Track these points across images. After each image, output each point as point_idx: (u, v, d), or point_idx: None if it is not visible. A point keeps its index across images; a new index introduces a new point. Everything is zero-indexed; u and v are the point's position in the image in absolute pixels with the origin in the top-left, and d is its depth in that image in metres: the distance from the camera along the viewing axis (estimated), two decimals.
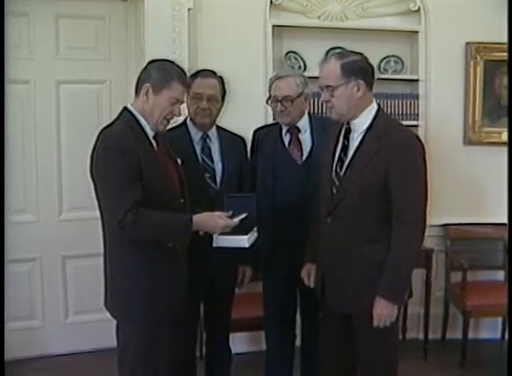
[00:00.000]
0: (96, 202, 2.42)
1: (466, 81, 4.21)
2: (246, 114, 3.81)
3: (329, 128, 2.72)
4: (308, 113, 3.18)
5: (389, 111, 4.07)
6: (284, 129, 3.14)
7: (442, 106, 4.20)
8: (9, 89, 3.66)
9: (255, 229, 2.62)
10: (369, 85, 2.49)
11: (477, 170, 4.25)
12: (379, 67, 4.18)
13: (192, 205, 2.59)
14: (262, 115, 3.90)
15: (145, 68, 2.48)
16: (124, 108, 2.48)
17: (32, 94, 3.83)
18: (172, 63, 2.49)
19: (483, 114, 4.24)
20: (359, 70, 2.45)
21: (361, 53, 2.53)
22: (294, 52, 4.10)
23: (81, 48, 3.87)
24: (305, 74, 3.49)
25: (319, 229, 2.67)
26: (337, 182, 2.53)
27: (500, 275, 4.24)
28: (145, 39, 3.72)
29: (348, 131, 2.54)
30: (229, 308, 3.25)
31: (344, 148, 2.54)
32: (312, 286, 2.81)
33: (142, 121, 2.44)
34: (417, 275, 4.06)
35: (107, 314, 2.52)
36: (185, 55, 3.74)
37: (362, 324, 2.54)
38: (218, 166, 3.04)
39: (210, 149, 3.06)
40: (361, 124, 2.50)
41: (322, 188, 2.65)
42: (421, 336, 4.17)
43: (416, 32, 4.16)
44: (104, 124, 2.48)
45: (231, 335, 3.35)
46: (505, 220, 3.92)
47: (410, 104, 4.15)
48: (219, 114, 3.10)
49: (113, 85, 3.91)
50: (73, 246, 3.93)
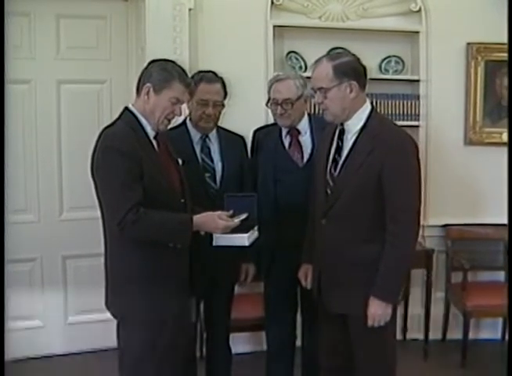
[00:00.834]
0: (97, 202, 2.42)
1: (467, 82, 4.21)
2: (246, 114, 3.81)
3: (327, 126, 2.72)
4: (308, 114, 3.18)
5: (390, 111, 4.08)
6: (284, 131, 3.14)
7: (443, 107, 4.20)
8: (10, 89, 3.65)
9: (256, 228, 2.62)
10: (362, 86, 2.49)
11: (478, 170, 4.25)
12: (380, 68, 4.19)
13: (192, 205, 2.59)
14: (263, 115, 3.90)
15: (145, 68, 2.48)
16: (125, 108, 2.48)
17: (33, 94, 3.83)
18: (173, 62, 2.49)
19: (484, 115, 4.23)
20: (352, 71, 2.45)
21: (353, 54, 2.54)
22: (295, 52, 4.10)
23: (82, 48, 3.87)
24: (306, 74, 3.48)
25: (315, 230, 2.68)
26: (331, 183, 2.54)
27: (501, 275, 4.24)
28: (146, 39, 3.72)
29: (342, 132, 2.55)
30: (229, 307, 3.25)
31: (338, 149, 2.55)
32: (309, 287, 2.82)
33: (143, 121, 2.44)
34: (418, 275, 4.08)
35: (108, 314, 2.53)
36: (186, 55, 3.74)
37: (357, 324, 2.54)
38: (218, 166, 3.04)
39: (209, 148, 3.06)
40: (354, 124, 2.50)
41: (316, 189, 2.65)
42: (421, 336, 4.16)
43: (417, 32, 4.16)
44: (105, 124, 2.48)
45: (232, 335, 3.35)
46: (506, 220, 3.92)
47: (411, 104, 4.14)
48: (220, 116, 3.10)
49: (113, 85, 3.91)
50: (74, 246, 3.92)
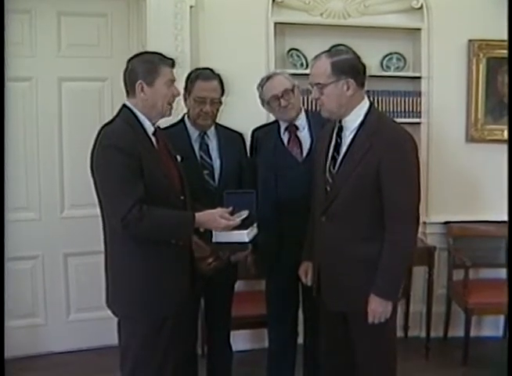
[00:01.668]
0: (97, 200, 2.43)
1: (468, 79, 4.20)
2: (248, 112, 3.78)
3: (327, 124, 2.72)
4: (305, 111, 3.19)
5: (391, 108, 4.07)
6: (282, 128, 3.15)
7: (445, 104, 4.19)
8: (11, 87, 3.66)
9: (255, 224, 2.63)
10: (360, 84, 2.49)
11: (479, 168, 4.24)
12: (381, 65, 4.18)
13: (192, 202, 2.60)
14: (264, 112, 3.84)
15: (126, 69, 2.48)
16: (123, 105, 2.49)
17: (34, 91, 3.83)
18: (148, 52, 2.58)
19: (485, 112, 4.22)
20: (350, 68, 2.45)
21: (353, 51, 2.53)
22: (296, 49, 4.09)
23: (83, 45, 3.87)
24: (307, 71, 3.48)
25: (315, 228, 2.68)
26: (330, 180, 2.53)
27: (502, 273, 4.23)
28: (147, 37, 3.72)
29: (341, 129, 2.54)
30: (230, 305, 3.25)
31: (337, 146, 2.55)
32: (309, 284, 2.82)
33: (141, 118, 2.45)
34: (419, 273, 4.08)
35: (109, 312, 2.53)
36: (187, 52, 3.75)
37: (357, 322, 2.55)
38: (217, 163, 3.04)
39: (208, 146, 3.06)
40: (352, 121, 2.50)
41: (316, 187, 2.65)
42: (423, 334, 4.16)
43: (419, 29, 4.14)
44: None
45: (233, 333, 3.35)
46: (507, 218, 3.91)
47: (412, 101, 4.13)
48: (218, 113, 3.10)
49: (114, 83, 3.88)
50: (76, 243, 3.93)
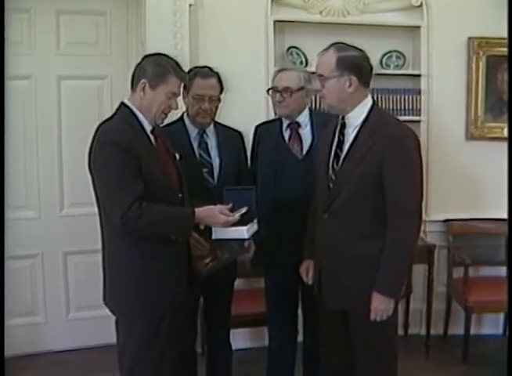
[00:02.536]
0: (94, 197, 2.42)
1: (468, 77, 4.19)
2: (247, 109, 3.81)
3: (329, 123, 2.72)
4: (309, 109, 3.18)
5: (391, 106, 4.07)
6: (284, 124, 3.15)
7: (444, 102, 4.18)
8: (10, 85, 3.65)
9: (255, 221, 2.62)
10: (363, 82, 2.48)
11: (479, 165, 4.24)
12: (381, 63, 4.17)
13: (191, 199, 2.60)
14: (264, 110, 3.90)
15: (139, 63, 2.48)
16: (122, 103, 2.48)
17: (33, 90, 3.82)
18: (167, 56, 2.49)
19: (485, 109, 4.22)
20: (354, 66, 2.44)
21: (362, 50, 2.52)
22: (296, 47, 4.09)
23: (82, 43, 3.86)
24: (307, 69, 3.48)
25: (317, 225, 2.67)
26: (333, 178, 2.53)
27: (502, 271, 4.23)
28: (146, 35, 3.71)
29: (343, 126, 2.54)
30: (229, 303, 3.25)
31: (340, 143, 2.54)
32: (310, 282, 2.81)
33: (140, 116, 2.44)
34: (419, 271, 4.08)
35: (108, 310, 2.53)
36: (187, 50, 3.73)
37: (358, 321, 2.55)
38: (216, 161, 3.05)
39: (207, 144, 3.07)
40: (355, 118, 2.50)
41: (319, 184, 2.65)
42: (423, 332, 4.16)
43: (418, 27, 4.14)
44: None
45: (233, 331, 3.35)
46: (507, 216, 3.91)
47: (412, 99, 4.13)
48: (217, 110, 3.10)
49: (113, 81, 3.90)
50: (75, 242, 3.93)
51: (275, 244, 3.10)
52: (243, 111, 3.76)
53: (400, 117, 3.74)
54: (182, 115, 3.11)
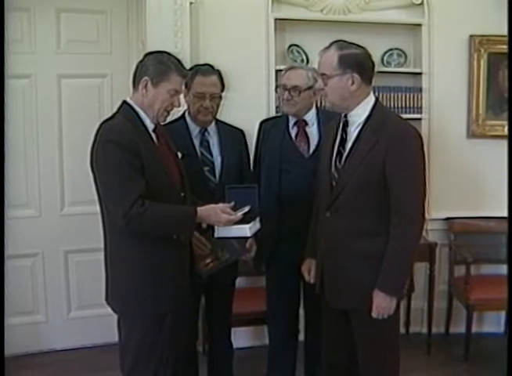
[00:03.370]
0: (96, 196, 2.42)
1: (469, 74, 4.19)
2: (248, 107, 3.81)
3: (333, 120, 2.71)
4: (316, 107, 3.18)
5: (392, 104, 4.06)
6: (291, 122, 3.15)
7: (446, 100, 4.18)
8: (11, 84, 3.65)
9: (257, 219, 2.61)
10: (366, 80, 2.48)
11: (480, 163, 4.24)
12: (382, 60, 4.16)
13: (194, 198, 2.60)
14: (265, 108, 3.90)
15: (141, 61, 2.47)
16: (124, 102, 2.48)
17: (33, 88, 3.81)
18: (168, 54, 2.48)
19: (487, 107, 4.21)
20: (357, 64, 2.44)
21: (363, 47, 2.51)
22: (297, 45, 4.08)
23: (83, 42, 3.85)
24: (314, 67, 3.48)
25: (319, 224, 2.67)
26: (336, 176, 2.53)
27: (504, 269, 4.21)
28: (146, 33, 3.70)
29: (346, 124, 2.54)
30: (230, 302, 3.26)
31: (343, 141, 2.54)
32: (312, 281, 2.81)
33: (142, 115, 2.44)
34: (421, 269, 4.07)
35: (109, 309, 2.52)
36: (187, 48, 3.73)
37: (360, 319, 2.54)
38: (217, 159, 3.05)
39: (208, 142, 3.07)
40: (358, 116, 2.49)
41: (321, 182, 2.64)
42: (425, 330, 4.16)
43: (420, 25, 4.13)
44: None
45: (233, 330, 3.36)
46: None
47: (413, 97, 4.12)
48: (219, 108, 3.10)
49: (114, 79, 3.89)
50: (76, 240, 3.92)
51: (278, 242, 3.10)
52: (244, 109, 3.76)
53: (401, 115, 3.73)
54: (184, 113, 3.10)
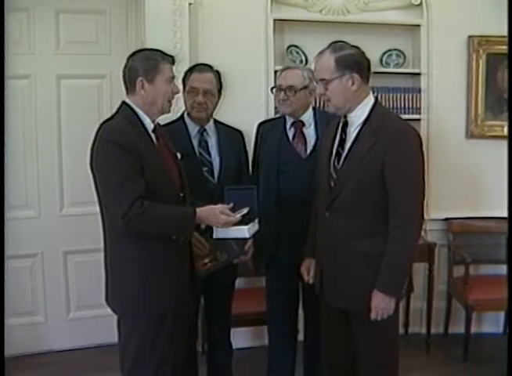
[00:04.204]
0: (96, 197, 2.43)
1: (468, 75, 4.19)
2: (247, 108, 3.82)
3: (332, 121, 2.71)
4: (313, 108, 3.18)
5: (391, 105, 4.06)
6: (288, 123, 3.15)
7: (445, 100, 4.18)
8: (10, 84, 3.65)
9: (256, 220, 2.62)
10: (365, 79, 2.48)
11: (479, 164, 4.24)
12: (381, 61, 4.17)
13: (193, 198, 2.60)
14: (263, 109, 3.90)
15: (126, 66, 2.48)
16: (123, 102, 2.49)
17: (33, 89, 3.81)
18: (148, 49, 2.55)
19: (486, 108, 4.22)
20: (354, 63, 2.44)
21: (357, 47, 2.51)
22: (296, 45, 4.08)
23: (82, 42, 3.85)
24: (310, 67, 3.48)
25: (318, 224, 2.67)
26: (334, 176, 2.53)
27: (503, 269, 4.22)
28: (145, 33, 3.70)
29: (346, 125, 2.54)
30: (230, 303, 3.26)
31: (342, 141, 2.54)
32: (311, 281, 2.81)
33: (141, 115, 2.45)
34: (420, 269, 4.08)
35: (109, 309, 2.52)
36: (186, 49, 3.73)
37: (359, 320, 2.54)
38: (216, 160, 3.06)
39: (207, 143, 3.07)
40: (357, 117, 2.50)
41: (320, 182, 2.65)
42: (424, 330, 4.16)
43: (418, 26, 4.13)
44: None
45: (233, 330, 3.35)
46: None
47: (412, 98, 4.13)
48: (216, 108, 3.12)
49: (113, 80, 3.88)
50: (75, 241, 3.92)
51: (277, 243, 3.10)
52: (243, 110, 3.76)
53: (400, 116, 3.74)
54: (183, 114, 3.11)
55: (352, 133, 2.51)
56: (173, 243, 2.44)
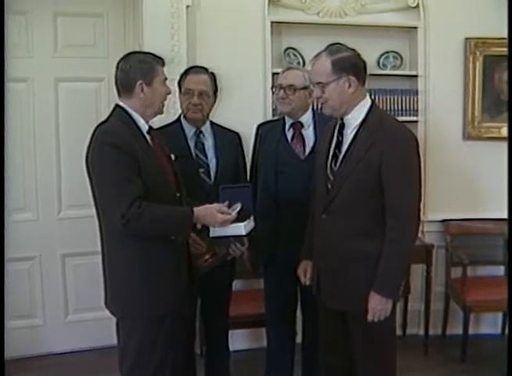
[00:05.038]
0: (92, 199, 2.43)
1: (465, 77, 4.20)
2: (245, 110, 3.82)
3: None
4: (313, 110, 3.19)
5: (388, 107, 4.07)
6: (287, 124, 3.16)
7: (442, 102, 4.19)
8: (8, 87, 3.64)
9: (252, 218, 2.63)
10: (361, 81, 2.49)
11: (476, 165, 4.25)
12: (378, 63, 4.18)
13: (189, 199, 2.61)
14: (261, 111, 3.91)
15: (121, 70, 2.49)
16: (116, 105, 2.50)
17: (31, 92, 3.82)
18: (139, 52, 2.60)
19: (482, 109, 4.22)
20: (350, 66, 2.45)
21: (353, 49, 2.52)
22: (293, 48, 4.09)
23: (80, 45, 3.86)
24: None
25: (315, 226, 2.68)
26: (331, 178, 2.54)
27: (500, 270, 4.24)
28: (143, 37, 3.71)
29: (342, 127, 2.55)
30: (227, 304, 3.26)
31: (339, 143, 2.55)
32: (308, 283, 2.81)
33: (135, 116, 2.46)
34: (417, 270, 4.08)
35: (107, 312, 2.53)
36: (184, 52, 3.74)
37: (356, 321, 2.55)
38: (212, 161, 3.07)
39: (203, 144, 3.09)
40: (354, 119, 2.50)
41: (317, 184, 2.65)
42: (421, 332, 4.16)
43: (415, 28, 4.14)
44: None
45: (231, 332, 3.36)
46: (505, 215, 3.90)
47: (409, 100, 4.13)
48: (212, 110, 3.13)
49: (111, 83, 3.78)
50: (73, 244, 3.92)
51: (275, 244, 3.11)
52: (241, 112, 3.77)
53: (397, 118, 3.75)
54: (179, 117, 3.13)
55: (349, 135, 2.52)
56: (171, 243, 2.45)
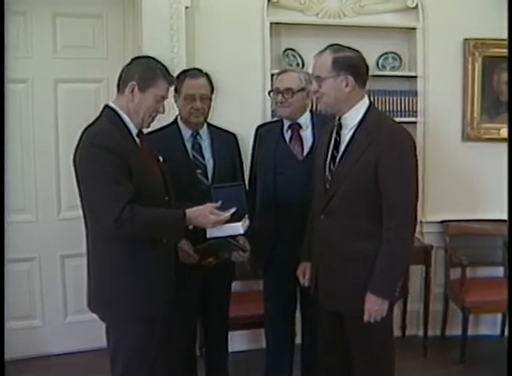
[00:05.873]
0: (79, 201, 2.41)
1: (464, 78, 4.20)
2: (244, 111, 3.82)
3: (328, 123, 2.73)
4: (310, 111, 3.20)
5: (387, 108, 4.07)
6: (286, 125, 3.16)
7: (441, 103, 4.19)
8: (7, 88, 3.65)
9: (246, 216, 2.63)
10: (360, 83, 2.50)
11: (475, 166, 4.25)
12: (377, 64, 4.18)
13: (178, 202, 2.57)
14: (260, 112, 3.91)
15: (128, 65, 2.47)
16: (106, 106, 2.48)
17: (30, 93, 3.82)
18: (156, 60, 2.48)
19: (481, 110, 4.23)
20: (351, 66, 2.46)
21: (358, 51, 2.53)
22: (292, 49, 4.09)
23: (79, 46, 3.86)
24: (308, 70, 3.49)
25: (313, 227, 2.68)
26: (329, 178, 2.54)
27: (500, 271, 4.24)
28: (142, 38, 3.71)
29: (340, 127, 2.55)
30: (227, 305, 3.26)
31: (337, 144, 2.56)
32: (307, 284, 2.81)
33: (125, 118, 2.43)
34: (416, 271, 4.08)
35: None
36: (183, 53, 3.74)
37: (354, 322, 2.55)
38: (210, 162, 3.07)
39: (200, 145, 3.09)
40: (352, 119, 2.51)
41: (316, 185, 2.66)
42: (421, 333, 4.17)
43: (414, 29, 4.14)
44: None
45: (230, 333, 3.35)
46: (504, 216, 3.92)
47: (408, 101, 4.14)
48: (210, 111, 3.12)
49: (110, 84, 3.83)
50: (72, 245, 3.89)
51: (275, 245, 3.11)
52: (240, 113, 3.78)
53: (396, 119, 3.74)
54: (176, 118, 3.13)
55: (346, 135, 2.53)
56: (160, 247, 2.42)
